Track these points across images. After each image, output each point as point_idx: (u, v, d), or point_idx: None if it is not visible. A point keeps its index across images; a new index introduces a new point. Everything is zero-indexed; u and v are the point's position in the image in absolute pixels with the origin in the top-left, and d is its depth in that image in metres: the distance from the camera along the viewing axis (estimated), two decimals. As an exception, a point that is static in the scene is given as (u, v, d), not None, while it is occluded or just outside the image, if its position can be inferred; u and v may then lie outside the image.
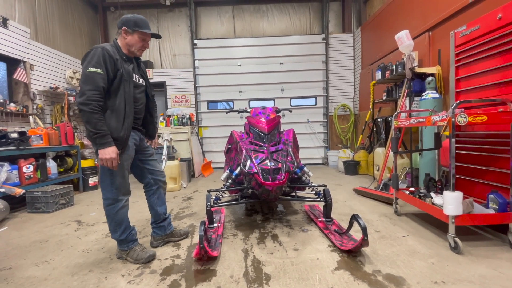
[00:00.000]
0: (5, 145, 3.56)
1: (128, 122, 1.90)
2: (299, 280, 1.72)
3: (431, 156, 3.18)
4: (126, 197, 2.04)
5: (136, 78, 2.05)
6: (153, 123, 2.31)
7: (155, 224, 2.30)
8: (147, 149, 2.22)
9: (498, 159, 2.31)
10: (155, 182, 2.25)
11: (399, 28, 4.17)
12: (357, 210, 3.16)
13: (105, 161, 1.78)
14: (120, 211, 1.99)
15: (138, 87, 2.06)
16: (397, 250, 2.09)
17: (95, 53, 1.80)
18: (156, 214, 2.28)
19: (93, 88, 1.74)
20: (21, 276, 1.90)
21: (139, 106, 2.08)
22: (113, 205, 1.97)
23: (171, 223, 2.40)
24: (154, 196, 2.26)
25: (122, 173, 1.95)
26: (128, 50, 2.00)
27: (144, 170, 2.20)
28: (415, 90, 3.73)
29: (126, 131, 1.89)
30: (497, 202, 2.11)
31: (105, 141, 1.77)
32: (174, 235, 2.39)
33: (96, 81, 1.76)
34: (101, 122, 1.76)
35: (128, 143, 1.96)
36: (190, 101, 7.17)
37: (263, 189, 2.31)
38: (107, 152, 1.77)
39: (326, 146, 7.19)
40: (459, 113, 1.94)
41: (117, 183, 1.95)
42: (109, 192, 1.95)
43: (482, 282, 1.63)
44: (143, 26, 1.95)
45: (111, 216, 1.99)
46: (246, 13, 7.23)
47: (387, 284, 1.65)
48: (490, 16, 2.35)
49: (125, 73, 1.90)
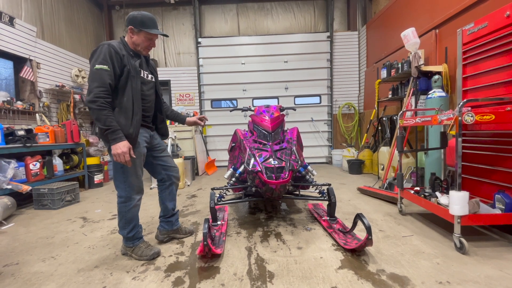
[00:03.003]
0: (12, 143, 3.61)
1: (136, 120, 1.89)
2: (303, 278, 1.72)
3: (437, 155, 3.14)
4: (139, 196, 2.04)
5: (144, 74, 2.02)
6: (164, 121, 2.29)
7: (163, 218, 2.33)
8: (158, 145, 2.21)
9: (505, 158, 2.28)
10: (168, 178, 2.27)
11: (405, 25, 4.13)
12: (361, 209, 3.14)
13: (117, 156, 1.77)
14: (132, 209, 2.00)
15: (146, 83, 2.04)
16: (402, 249, 2.08)
17: (101, 50, 1.80)
18: (166, 208, 2.31)
19: (100, 85, 1.74)
20: (28, 272, 1.93)
21: (147, 104, 2.06)
22: (125, 203, 1.97)
23: (178, 220, 2.42)
24: (166, 191, 2.29)
25: (134, 171, 1.95)
26: (134, 48, 1.99)
27: (157, 166, 2.22)
28: (421, 88, 3.69)
29: (135, 128, 1.88)
30: (504, 202, 2.08)
31: (116, 136, 1.77)
32: (179, 232, 2.41)
33: (103, 78, 1.75)
34: (110, 118, 1.76)
35: (138, 140, 1.96)
36: (194, 100, 7.18)
37: (266, 188, 2.31)
38: (118, 146, 1.76)
39: (330, 145, 7.15)
40: (466, 112, 1.92)
41: (130, 180, 1.95)
42: (122, 190, 1.96)
43: (488, 282, 1.61)
44: (149, 26, 1.92)
45: (122, 213, 1.99)
46: (250, 11, 7.20)
47: (391, 284, 1.64)
48: (498, 13, 2.31)
49: (132, 68, 1.89)
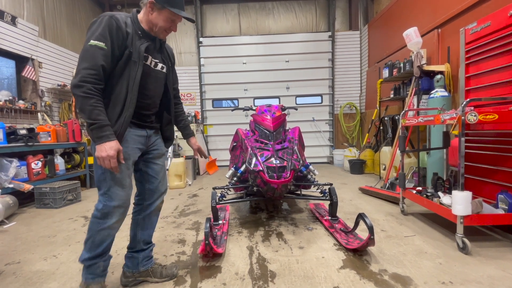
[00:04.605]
0: (14, 142, 3.62)
1: (126, 116, 1.47)
2: (304, 278, 1.72)
3: (439, 155, 3.13)
4: (120, 216, 1.52)
5: (151, 62, 1.59)
6: (171, 123, 1.83)
7: (128, 252, 1.72)
8: (155, 147, 1.72)
9: (508, 158, 2.27)
10: (149, 196, 1.70)
11: (407, 25, 4.11)
12: (363, 209, 3.13)
13: (101, 160, 1.36)
14: (104, 232, 1.48)
15: (152, 74, 1.60)
16: (404, 249, 2.07)
17: (101, 23, 1.40)
18: (134, 239, 1.71)
19: (90, 66, 1.35)
20: (29, 270, 1.94)
21: (148, 100, 1.60)
22: (100, 219, 1.48)
23: (150, 258, 1.75)
24: (140, 215, 1.71)
25: (120, 179, 1.49)
26: (150, 28, 1.55)
27: (144, 174, 1.69)
28: (423, 88, 3.68)
29: (121, 126, 1.46)
30: (507, 202, 2.07)
31: (103, 134, 1.36)
32: (151, 275, 1.72)
33: (95, 57, 1.36)
34: (97, 109, 1.35)
35: (126, 138, 1.52)
36: (195, 99, 7.19)
37: (268, 187, 2.30)
38: (104, 148, 1.35)
39: (331, 144, 7.14)
40: (469, 112, 1.91)
41: (113, 191, 1.48)
42: (100, 202, 1.49)
43: (490, 283, 1.60)
44: (177, 4, 1.51)
45: (92, 231, 1.49)
46: (251, 10, 7.20)
47: (394, 284, 1.63)
48: (501, 12, 2.29)
49: (135, 52, 1.47)
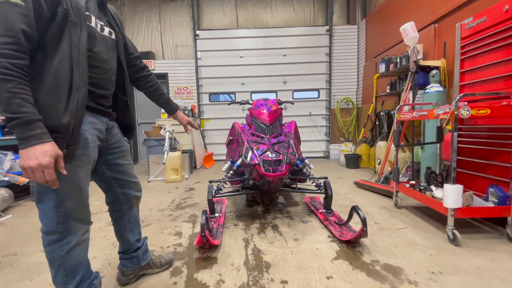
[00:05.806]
0: (8, 134, 3.59)
1: (78, 100, 1.07)
2: (299, 268, 1.76)
3: (433, 150, 3.18)
4: (84, 229, 1.22)
5: (96, 24, 1.19)
6: (128, 106, 1.47)
7: (124, 255, 1.61)
8: (117, 144, 1.42)
9: (499, 153, 2.31)
10: (126, 200, 1.52)
11: (405, 19, 4.11)
12: (357, 202, 3.18)
13: (30, 172, 0.94)
14: (74, 251, 1.19)
15: (100, 40, 1.21)
16: (396, 241, 2.11)
17: None
18: (126, 242, 1.58)
19: (4, 32, 0.91)
20: (26, 262, 1.95)
21: (103, 75, 1.23)
22: (58, 242, 1.15)
23: (147, 251, 1.71)
24: (124, 219, 1.54)
25: (76, 189, 1.16)
26: None
27: (111, 180, 1.45)
28: (419, 83, 3.70)
29: (73, 115, 1.06)
30: (497, 195, 2.12)
31: (30, 134, 0.93)
32: (152, 267, 1.71)
33: (10, 19, 0.91)
34: (19, 97, 0.92)
35: (86, 135, 1.17)
36: (192, 93, 7.14)
37: (264, 180, 2.33)
38: (33, 154, 0.93)
39: (327, 139, 7.18)
40: (462, 106, 1.93)
41: (67, 206, 1.14)
42: (51, 222, 1.13)
43: (479, 273, 1.65)
44: None
45: (57, 261, 1.17)
46: (249, 3, 7.13)
47: (385, 274, 1.67)
48: (497, 8, 2.31)
49: (74, 9, 1.06)
